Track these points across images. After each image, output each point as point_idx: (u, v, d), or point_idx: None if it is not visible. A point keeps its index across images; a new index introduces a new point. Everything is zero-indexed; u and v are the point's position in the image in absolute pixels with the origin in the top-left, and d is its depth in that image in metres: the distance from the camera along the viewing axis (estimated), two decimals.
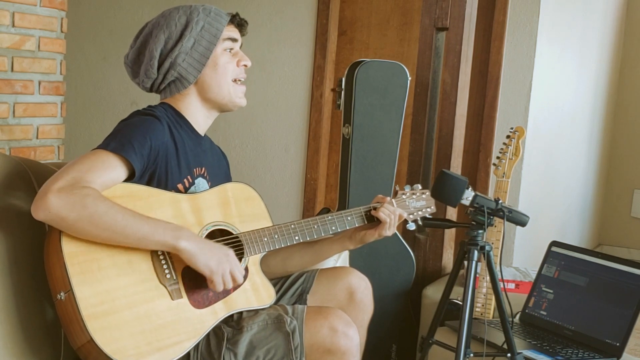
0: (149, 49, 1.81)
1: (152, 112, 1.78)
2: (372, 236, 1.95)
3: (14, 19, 3.31)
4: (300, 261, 2.01)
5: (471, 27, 2.97)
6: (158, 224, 1.62)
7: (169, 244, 1.62)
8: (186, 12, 1.83)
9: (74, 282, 1.54)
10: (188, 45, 1.80)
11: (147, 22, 1.88)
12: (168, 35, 1.80)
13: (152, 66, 1.81)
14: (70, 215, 1.53)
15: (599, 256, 2.39)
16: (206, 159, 1.90)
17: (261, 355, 1.70)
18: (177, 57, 1.80)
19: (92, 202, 1.54)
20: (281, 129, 3.35)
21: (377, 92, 2.76)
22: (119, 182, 1.65)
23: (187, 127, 1.86)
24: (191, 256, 1.63)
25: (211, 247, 1.67)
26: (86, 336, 1.53)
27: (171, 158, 1.76)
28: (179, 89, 1.85)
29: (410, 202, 2.02)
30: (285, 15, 3.31)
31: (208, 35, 1.82)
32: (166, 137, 1.75)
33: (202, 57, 1.82)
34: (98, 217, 1.54)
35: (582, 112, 4.13)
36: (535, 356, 2.15)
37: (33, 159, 2.35)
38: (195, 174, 1.84)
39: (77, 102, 3.70)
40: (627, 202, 4.93)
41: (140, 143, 1.67)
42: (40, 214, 1.53)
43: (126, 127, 1.72)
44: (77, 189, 1.54)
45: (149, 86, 1.87)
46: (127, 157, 1.64)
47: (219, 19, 1.84)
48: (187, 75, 1.82)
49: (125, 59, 1.88)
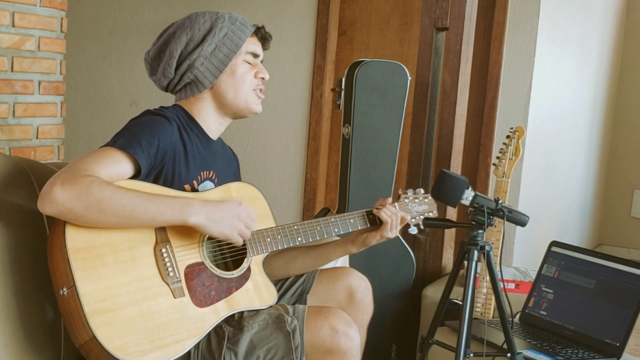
0: (170, 49, 1.82)
1: (163, 113, 1.78)
2: (374, 238, 1.95)
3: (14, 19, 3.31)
4: (302, 264, 2.02)
5: (471, 27, 2.97)
6: (166, 203, 1.63)
7: (179, 221, 1.64)
8: (212, 17, 1.84)
9: (78, 277, 1.54)
10: (208, 50, 1.81)
11: (172, 22, 1.89)
12: (190, 38, 1.81)
13: (171, 66, 1.82)
14: (77, 205, 1.53)
15: (599, 256, 2.40)
16: (215, 162, 1.91)
17: (261, 354, 1.71)
18: (196, 60, 1.81)
19: (97, 188, 1.54)
20: (281, 129, 3.35)
21: (377, 92, 2.76)
22: (125, 178, 1.65)
23: (198, 131, 1.86)
24: (203, 229, 1.66)
25: (221, 212, 1.68)
26: (88, 333, 1.53)
27: (179, 159, 1.77)
28: (193, 92, 1.86)
29: (413, 206, 2.02)
30: (285, 15, 3.31)
31: (230, 42, 1.83)
32: (175, 138, 1.76)
33: (221, 63, 1.83)
34: (105, 203, 1.54)
35: (582, 112, 4.14)
36: (535, 356, 2.15)
37: (33, 159, 2.35)
38: (203, 177, 1.84)
39: (77, 102, 3.70)
40: (627, 202, 4.93)
41: (148, 141, 1.67)
42: (47, 207, 1.53)
43: (135, 125, 1.73)
44: (81, 177, 1.54)
45: (165, 85, 1.88)
46: (134, 155, 1.64)
47: (244, 28, 1.85)
48: (203, 80, 1.83)
49: (146, 55, 1.90)
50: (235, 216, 1.70)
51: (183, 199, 1.66)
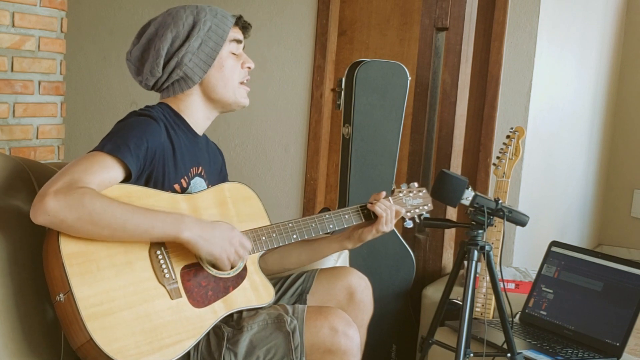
0: (155, 47, 1.81)
1: (149, 113, 1.77)
2: (369, 233, 1.95)
3: (14, 19, 3.31)
4: (297, 259, 2.02)
5: (471, 27, 2.97)
6: (158, 217, 1.62)
7: (171, 236, 1.63)
8: (193, 12, 1.83)
9: (73, 283, 1.54)
10: (195, 45, 1.80)
11: (150, 20, 1.88)
12: (175, 34, 1.80)
13: (158, 64, 1.81)
14: (69, 216, 1.53)
15: (599, 256, 2.40)
16: (202, 157, 1.91)
17: (261, 355, 1.70)
18: (184, 57, 1.80)
19: (90, 200, 1.54)
20: (281, 129, 3.34)
21: (377, 92, 2.76)
22: (116, 183, 1.64)
23: (185, 127, 1.86)
24: (193, 246, 1.65)
25: (214, 233, 1.67)
26: (85, 336, 1.53)
27: (168, 158, 1.76)
28: (182, 89, 1.85)
29: (407, 200, 2.02)
30: (285, 15, 3.31)
31: (215, 36, 1.82)
32: (163, 137, 1.75)
33: (209, 57, 1.83)
34: (97, 215, 1.54)
35: (582, 112, 4.14)
36: (535, 356, 2.15)
37: (33, 159, 2.35)
38: (192, 174, 1.84)
39: (77, 102, 3.70)
40: (627, 202, 4.93)
41: (136, 144, 1.67)
42: (40, 217, 1.53)
43: (122, 128, 1.72)
44: (74, 189, 1.54)
45: (152, 84, 1.87)
46: (123, 159, 1.63)
47: (225, 20, 1.85)
48: (193, 75, 1.83)
49: (128, 55, 1.88)
50: (226, 239, 1.69)
51: (176, 214, 1.66)
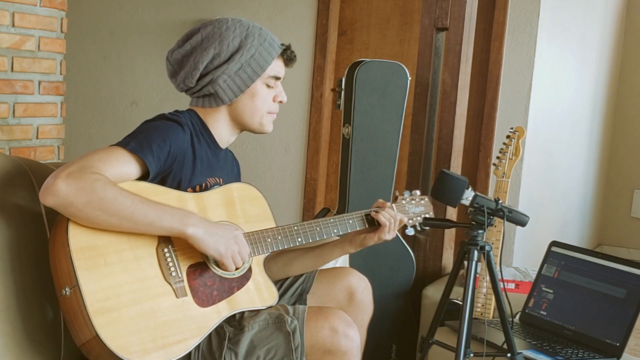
0: (195, 59, 1.81)
1: (177, 119, 1.78)
2: (371, 240, 1.96)
3: (14, 19, 3.31)
4: (301, 265, 2.02)
5: (471, 27, 2.97)
6: (166, 210, 1.62)
7: (177, 230, 1.63)
8: (242, 33, 1.82)
9: (81, 276, 1.54)
10: (233, 69, 1.81)
11: (202, 23, 1.86)
12: (217, 52, 1.80)
13: (193, 76, 1.81)
14: (78, 199, 1.52)
15: (599, 256, 2.40)
16: (221, 169, 1.91)
17: (262, 355, 1.71)
18: (219, 77, 1.81)
19: (101, 186, 1.54)
20: (281, 129, 3.34)
21: (377, 92, 2.76)
22: (130, 180, 1.65)
23: (209, 138, 1.87)
24: (199, 242, 1.64)
25: (219, 231, 1.68)
26: (91, 332, 1.53)
27: (187, 166, 1.76)
28: (211, 105, 1.86)
29: (410, 208, 2.03)
30: (285, 15, 3.31)
31: (255, 65, 1.83)
32: (186, 144, 1.76)
33: (243, 84, 1.83)
34: (107, 202, 1.54)
35: (582, 112, 4.14)
36: (535, 356, 2.15)
37: (33, 159, 2.35)
38: (211, 184, 1.84)
39: (77, 102, 3.70)
40: (627, 202, 4.93)
41: (159, 146, 1.67)
42: (49, 198, 1.52)
43: (148, 128, 1.72)
44: (87, 174, 1.54)
45: (183, 90, 1.88)
46: (143, 158, 1.64)
47: (271, 50, 1.85)
48: (223, 96, 1.83)
49: (169, 55, 1.88)
50: (232, 237, 1.70)
51: (184, 210, 1.67)
